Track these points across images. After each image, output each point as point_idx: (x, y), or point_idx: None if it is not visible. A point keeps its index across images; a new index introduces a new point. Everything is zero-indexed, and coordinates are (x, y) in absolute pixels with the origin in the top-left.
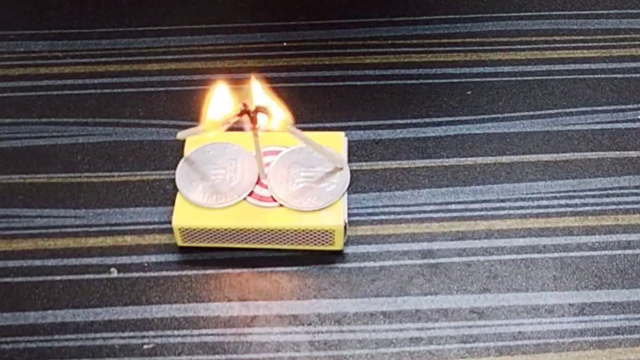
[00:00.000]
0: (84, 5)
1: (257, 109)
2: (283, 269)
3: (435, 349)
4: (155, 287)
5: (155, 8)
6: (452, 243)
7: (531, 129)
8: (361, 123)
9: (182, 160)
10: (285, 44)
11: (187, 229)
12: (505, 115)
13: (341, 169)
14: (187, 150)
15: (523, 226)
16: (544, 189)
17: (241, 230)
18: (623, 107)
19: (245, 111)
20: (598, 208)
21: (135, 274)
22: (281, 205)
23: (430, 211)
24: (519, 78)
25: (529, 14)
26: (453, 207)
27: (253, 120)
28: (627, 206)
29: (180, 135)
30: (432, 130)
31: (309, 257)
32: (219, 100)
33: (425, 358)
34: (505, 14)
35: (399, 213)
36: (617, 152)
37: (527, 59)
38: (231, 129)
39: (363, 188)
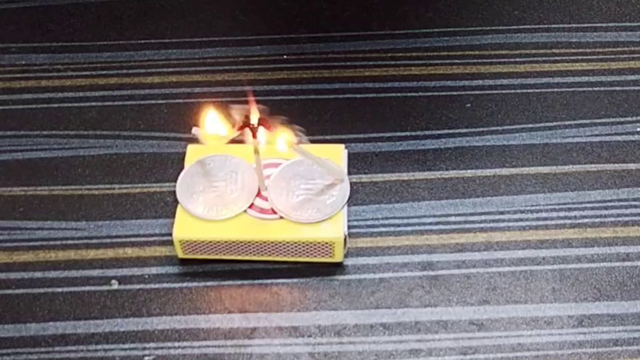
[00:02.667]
0: (85, 18)
1: (259, 123)
2: (283, 280)
3: None
4: (156, 299)
5: (156, 21)
6: (452, 255)
7: (530, 141)
8: (361, 135)
9: (182, 173)
10: (285, 56)
11: (187, 241)
12: (505, 127)
13: (342, 180)
14: (188, 162)
15: (522, 238)
16: (543, 201)
17: (241, 242)
18: (622, 119)
19: (246, 124)
20: (597, 220)
21: (136, 286)
22: (281, 217)
23: (430, 223)
24: (518, 91)
25: (528, 27)
26: (452, 219)
27: (254, 134)
28: (626, 218)
29: (194, 130)
30: (431, 143)
31: (309, 269)
32: (212, 123)
33: None
34: (504, 27)
35: (398, 225)
36: (616, 165)
37: (526, 72)
38: (232, 141)
39: (363, 200)
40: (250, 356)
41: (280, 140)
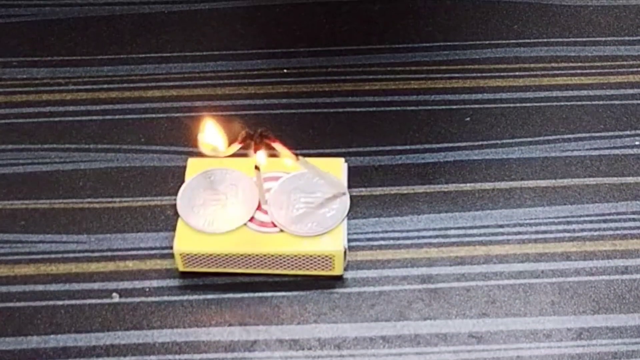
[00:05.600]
0: (85, 32)
1: (261, 136)
2: (283, 293)
3: None
4: (157, 312)
5: (157, 35)
6: (451, 268)
7: (529, 155)
8: (361, 149)
9: (183, 186)
10: (285, 70)
11: (188, 254)
12: (504, 141)
13: (344, 194)
14: (189, 176)
15: (521, 251)
16: (542, 214)
17: (242, 255)
18: (620, 133)
19: (249, 137)
20: (596, 233)
21: (137, 299)
22: (281, 230)
23: (429, 236)
24: (517, 104)
25: (527, 41)
26: (452, 232)
27: (257, 148)
28: (625, 231)
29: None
30: (431, 156)
31: (309, 282)
32: (210, 134)
33: None
34: (503, 41)
35: (398, 238)
36: (615, 178)
37: (526, 86)
38: (232, 154)
39: (363, 214)
40: None
41: (284, 154)
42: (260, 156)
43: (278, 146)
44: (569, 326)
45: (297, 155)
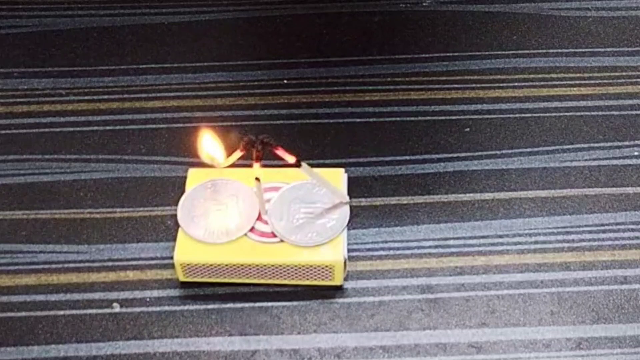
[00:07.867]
0: (86, 43)
1: (263, 144)
2: (283, 303)
3: None
4: (157, 322)
5: (157, 46)
6: (451, 278)
7: (529, 165)
8: (361, 159)
9: (183, 197)
10: (285, 81)
11: (188, 264)
12: (503, 151)
13: (346, 203)
14: (189, 186)
15: (521, 261)
16: (541, 224)
17: (242, 265)
18: (619, 143)
19: (251, 144)
20: (595, 244)
21: (138, 309)
22: (282, 240)
23: (429, 247)
24: (516, 115)
25: (526, 51)
26: (451, 242)
27: (258, 157)
28: (624, 242)
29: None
30: (430, 167)
31: (309, 292)
32: (208, 145)
33: None
34: (503, 52)
35: (398, 248)
36: (614, 189)
37: (525, 96)
38: (233, 165)
39: (362, 224)
40: None
41: (287, 159)
42: (258, 168)
43: (280, 152)
44: (568, 336)
45: (299, 161)
